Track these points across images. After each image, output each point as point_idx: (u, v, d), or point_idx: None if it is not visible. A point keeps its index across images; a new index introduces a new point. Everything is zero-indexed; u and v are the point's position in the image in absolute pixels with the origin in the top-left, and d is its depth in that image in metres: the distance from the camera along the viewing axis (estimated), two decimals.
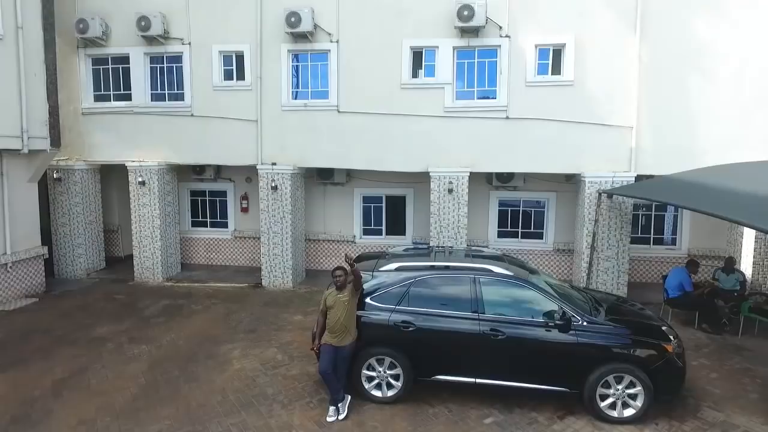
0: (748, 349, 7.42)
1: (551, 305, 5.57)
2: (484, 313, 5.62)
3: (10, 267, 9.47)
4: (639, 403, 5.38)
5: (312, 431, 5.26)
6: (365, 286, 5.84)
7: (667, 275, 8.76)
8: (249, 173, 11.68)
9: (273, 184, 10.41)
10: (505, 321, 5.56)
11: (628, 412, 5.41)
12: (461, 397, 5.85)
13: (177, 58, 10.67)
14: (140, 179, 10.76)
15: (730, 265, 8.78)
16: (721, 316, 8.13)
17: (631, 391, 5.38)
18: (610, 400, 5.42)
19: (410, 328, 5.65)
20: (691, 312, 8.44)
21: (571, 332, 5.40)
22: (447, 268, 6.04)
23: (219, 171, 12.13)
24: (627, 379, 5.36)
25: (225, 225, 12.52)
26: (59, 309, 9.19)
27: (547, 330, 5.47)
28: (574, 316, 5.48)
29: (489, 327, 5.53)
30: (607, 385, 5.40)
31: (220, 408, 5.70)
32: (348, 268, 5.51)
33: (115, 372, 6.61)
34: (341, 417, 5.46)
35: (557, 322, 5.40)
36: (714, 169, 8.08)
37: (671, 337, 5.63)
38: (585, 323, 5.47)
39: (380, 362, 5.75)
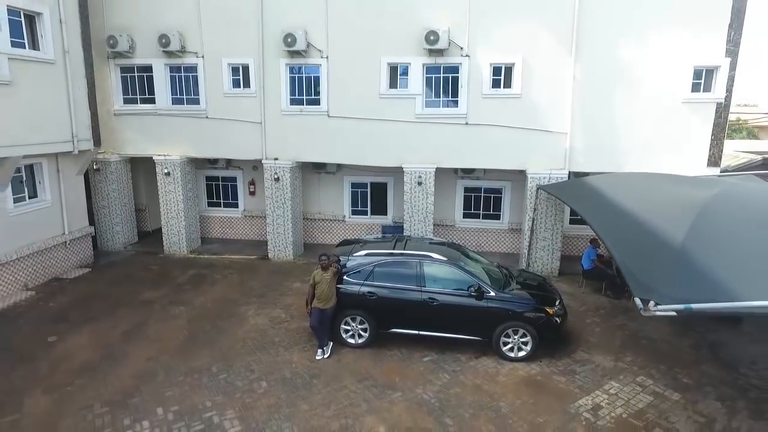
0: (633, 311, 9.87)
1: (471, 281, 7.96)
2: (425, 287, 8.03)
3: (68, 244, 11.91)
4: (529, 348, 7.86)
5: (305, 365, 7.77)
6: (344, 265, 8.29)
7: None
8: (255, 162, 13.86)
9: (275, 176, 12.67)
10: (439, 292, 7.97)
11: (521, 354, 7.90)
12: (410, 343, 8.33)
13: (193, 68, 12.66)
14: (166, 171, 13.01)
15: None
16: (623, 285, 10.54)
17: (523, 340, 7.86)
18: (509, 346, 7.91)
19: (374, 297, 8.09)
20: (601, 282, 10.87)
21: (483, 300, 7.83)
22: (401, 254, 8.40)
23: (230, 160, 14.35)
24: (521, 332, 7.83)
25: (236, 205, 14.87)
26: (109, 277, 11.70)
27: (467, 298, 7.88)
28: (486, 289, 7.88)
29: (428, 296, 7.96)
30: (508, 336, 7.88)
31: (242, 350, 8.22)
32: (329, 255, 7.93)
33: (165, 326, 9.12)
34: (326, 356, 7.97)
35: (472, 293, 7.81)
36: (621, 177, 10.13)
37: (556, 304, 8.07)
38: (493, 294, 7.88)
39: (353, 320, 8.22)
